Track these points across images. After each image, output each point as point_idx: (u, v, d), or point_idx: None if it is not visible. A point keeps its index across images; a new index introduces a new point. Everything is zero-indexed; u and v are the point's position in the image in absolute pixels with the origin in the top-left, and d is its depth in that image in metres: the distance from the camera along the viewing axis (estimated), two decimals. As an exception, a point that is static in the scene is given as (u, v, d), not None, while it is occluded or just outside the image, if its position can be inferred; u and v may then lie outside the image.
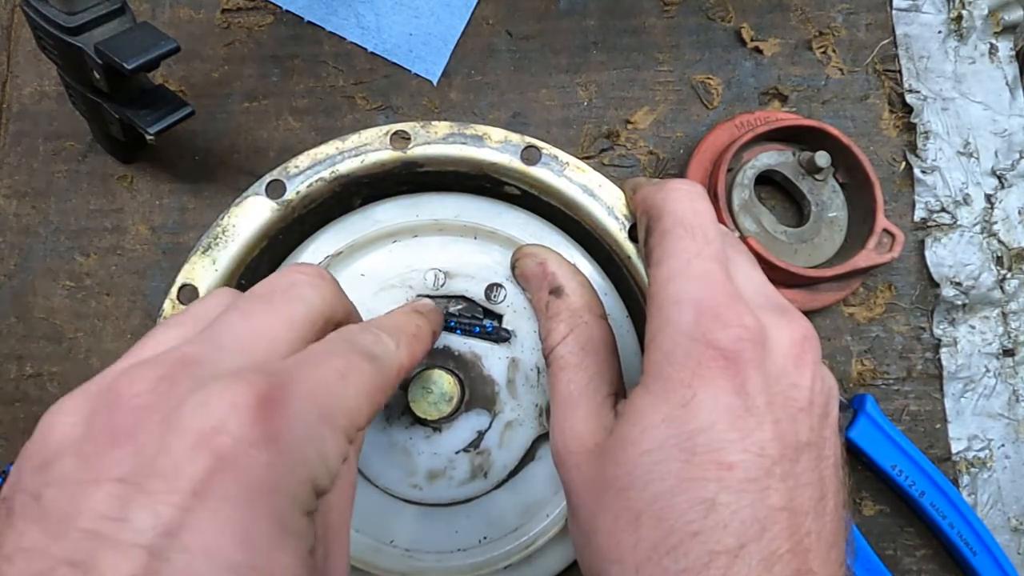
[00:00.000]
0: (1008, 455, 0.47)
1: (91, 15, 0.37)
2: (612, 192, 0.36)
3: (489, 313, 0.37)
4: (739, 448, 0.26)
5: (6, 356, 0.47)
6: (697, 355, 0.27)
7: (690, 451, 0.26)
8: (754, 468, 0.26)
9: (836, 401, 0.29)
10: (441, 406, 0.35)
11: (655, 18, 0.52)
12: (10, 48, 0.51)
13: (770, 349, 0.28)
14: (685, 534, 0.25)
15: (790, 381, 0.27)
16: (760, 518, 0.25)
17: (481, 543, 0.37)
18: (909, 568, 0.45)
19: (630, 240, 0.36)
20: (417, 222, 0.38)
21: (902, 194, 0.50)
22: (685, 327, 0.27)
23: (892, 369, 0.48)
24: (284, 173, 0.36)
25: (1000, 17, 0.52)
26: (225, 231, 0.35)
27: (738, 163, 0.48)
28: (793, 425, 0.27)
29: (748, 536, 0.25)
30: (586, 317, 0.33)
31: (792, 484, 0.26)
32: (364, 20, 0.52)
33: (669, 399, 0.27)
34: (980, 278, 0.48)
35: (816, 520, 0.26)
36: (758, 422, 0.26)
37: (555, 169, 0.36)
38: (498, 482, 0.37)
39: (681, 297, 0.28)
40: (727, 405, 0.26)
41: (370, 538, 0.37)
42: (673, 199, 0.31)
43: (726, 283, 0.28)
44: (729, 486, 0.25)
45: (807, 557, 0.26)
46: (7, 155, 0.49)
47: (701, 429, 0.26)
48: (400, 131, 0.36)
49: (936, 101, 0.51)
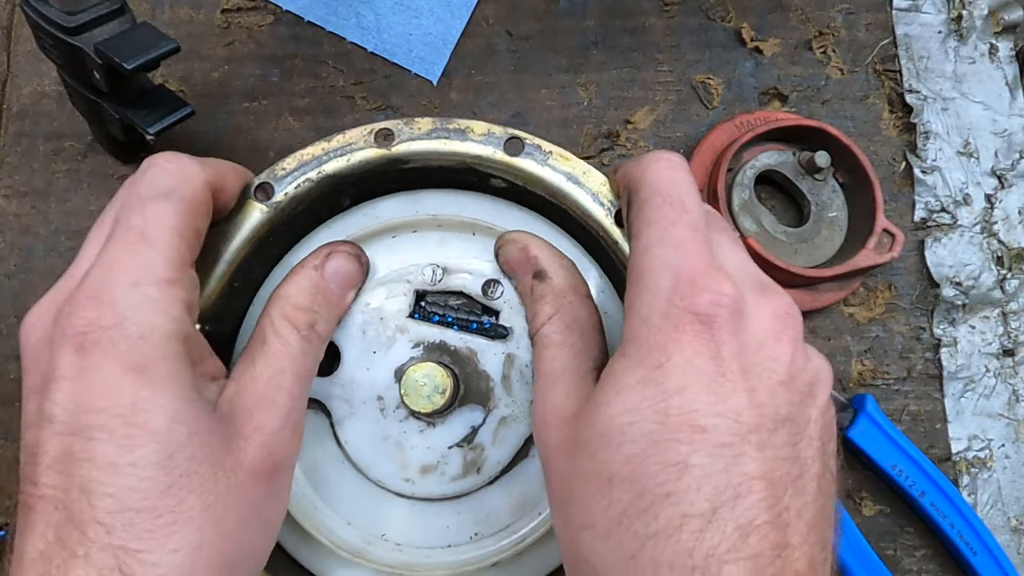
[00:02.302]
0: (1008, 455, 0.47)
1: (91, 15, 0.37)
2: (597, 178, 0.36)
3: (486, 309, 0.38)
4: (713, 412, 0.26)
5: (6, 356, 0.47)
6: (674, 319, 0.27)
7: (664, 412, 0.26)
8: (728, 433, 0.25)
9: (825, 385, 0.29)
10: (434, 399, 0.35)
11: (655, 18, 0.52)
12: (10, 48, 0.51)
13: (748, 318, 0.27)
14: (657, 496, 0.25)
15: (768, 353, 0.27)
16: (734, 484, 0.25)
17: (472, 539, 0.37)
18: (909, 568, 0.45)
19: (616, 226, 0.36)
20: (417, 217, 0.38)
21: (902, 194, 0.50)
22: (663, 293, 0.27)
23: (892, 369, 0.48)
24: (272, 175, 0.36)
25: (1000, 17, 0.52)
26: (215, 235, 0.35)
27: (738, 163, 0.48)
28: (771, 397, 0.27)
29: (721, 501, 0.25)
30: (570, 297, 0.33)
31: (771, 456, 0.26)
32: (364, 20, 0.52)
33: (645, 362, 0.27)
34: (980, 278, 0.48)
35: (795, 497, 0.26)
36: (733, 388, 0.26)
37: (538, 159, 0.36)
38: (491, 478, 0.37)
39: (658, 264, 0.28)
40: (701, 368, 0.26)
41: (362, 531, 0.37)
42: (652, 169, 0.31)
43: (704, 250, 0.28)
44: (702, 449, 0.25)
45: (786, 532, 0.25)
46: (7, 155, 0.49)
47: (675, 391, 0.26)
48: (384, 129, 0.37)
49: (936, 101, 0.51)
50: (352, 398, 0.37)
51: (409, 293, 0.37)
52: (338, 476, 0.37)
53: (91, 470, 0.26)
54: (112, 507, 0.26)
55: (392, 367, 0.37)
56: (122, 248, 0.29)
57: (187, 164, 0.31)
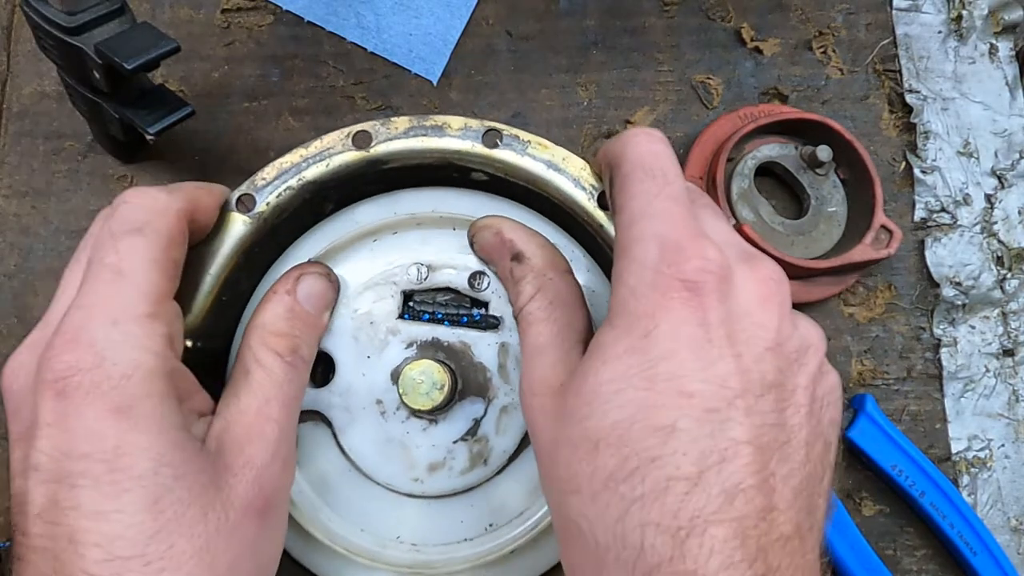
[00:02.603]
0: (1008, 455, 0.47)
1: (91, 15, 0.37)
2: (577, 164, 0.36)
3: (475, 301, 0.38)
4: (700, 378, 0.26)
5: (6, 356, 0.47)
6: (662, 287, 0.27)
7: (651, 379, 0.26)
8: (715, 399, 0.26)
9: (816, 351, 0.29)
10: (433, 395, 0.35)
11: (655, 18, 0.52)
12: (10, 48, 0.51)
13: (734, 285, 0.28)
14: (643, 459, 0.25)
15: (754, 320, 0.27)
16: (720, 448, 0.25)
17: (487, 530, 0.37)
18: (909, 568, 0.45)
19: (600, 208, 0.36)
20: (395, 219, 0.38)
21: (902, 194, 0.50)
22: (649, 262, 0.27)
23: (892, 369, 0.48)
24: (252, 186, 0.36)
25: (1000, 17, 0.52)
26: (200, 251, 0.35)
27: (739, 153, 0.48)
28: (758, 363, 0.27)
29: (707, 464, 0.25)
30: (551, 274, 0.33)
31: (757, 421, 0.26)
32: (364, 20, 0.52)
33: (632, 331, 0.27)
34: (980, 278, 0.48)
35: (781, 463, 0.26)
36: (719, 354, 0.26)
37: (517, 149, 0.36)
38: (499, 468, 0.37)
39: (644, 235, 0.28)
40: (689, 335, 0.26)
41: (376, 535, 0.37)
42: (631, 144, 0.31)
43: (689, 219, 0.28)
44: (689, 414, 0.25)
45: (772, 496, 0.25)
46: (7, 155, 0.49)
47: (662, 357, 0.26)
48: (361, 131, 0.37)
49: (936, 101, 0.51)
50: (351, 405, 0.37)
51: (396, 295, 0.37)
52: (346, 484, 0.37)
53: (77, 518, 0.25)
54: (100, 556, 0.25)
55: (387, 369, 0.37)
56: (98, 287, 0.28)
57: (157, 197, 0.31)
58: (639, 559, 0.25)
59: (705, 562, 0.24)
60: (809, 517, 0.27)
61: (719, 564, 0.24)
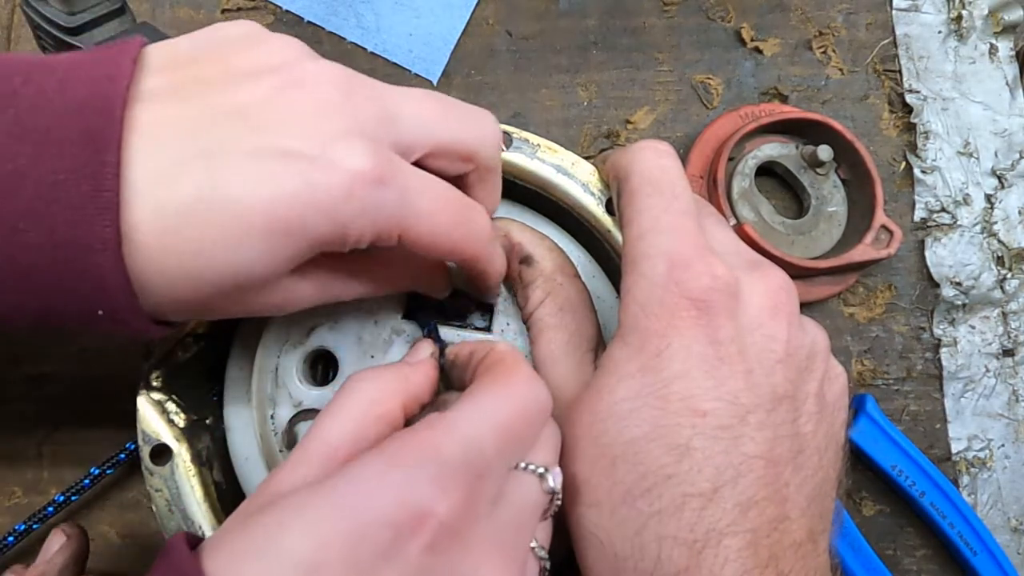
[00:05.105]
0: (1008, 455, 0.47)
1: (91, 15, 0.37)
2: (586, 169, 0.37)
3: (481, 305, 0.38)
4: (712, 396, 0.26)
5: (6, 356, 0.47)
6: (671, 305, 0.27)
7: (665, 398, 0.26)
8: (727, 416, 0.26)
9: (822, 356, 0.29)
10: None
11: (655, 18, 0.52)
12: (10, 48, 0.51)
13: (743, 300, 0.28)
14: (659, 477, 0.26)
15: (765, 332, 0.28)
16: (735, 464, 0.26)
17: None
18: (909, 568, 0.45)
19: (608, 214, 0.36)
20: None
21: (902, 194, 0.50)
22: (658, 279, 0.28)
23: (892, 369, 0.48)
24: None
25: (1000, 17, 0.52)
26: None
27: (740, 152, 0.48)
28: (768, 377, 0.27)
29: (722, 480, 0.26)
30: (560, 279, 0.34)
31: (770, 435, 0.27)
32: (364, 20, 0.52)
33: (644, 349, 0.27)
34: (980, 278, 0.48)
35: (795, 472, 0.27)
36: (731, 371, 0.27)
37: (527, 152, 0.37)
38: None
39: (652, 251, 0.28)
40: (700, 354, 0.27)
41: None
42: (639, 159, 0.31)
43: (696, 235, 0.29)
44: (703, 432, 0.26)
45: (785, 506, 0.26)
46: (7, 155, 0.49)
47: (675, 377, 0.27)
48: None
49: (936, 101, 0.51)
50: None
51: (401, 294, 0.37)
52: None
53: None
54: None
55: None
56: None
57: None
58: (656, 569, 0.26)
59: (720, 571, 0.25)
60: (821, 521, 0.27)
61: (733, 572, 0.25)
